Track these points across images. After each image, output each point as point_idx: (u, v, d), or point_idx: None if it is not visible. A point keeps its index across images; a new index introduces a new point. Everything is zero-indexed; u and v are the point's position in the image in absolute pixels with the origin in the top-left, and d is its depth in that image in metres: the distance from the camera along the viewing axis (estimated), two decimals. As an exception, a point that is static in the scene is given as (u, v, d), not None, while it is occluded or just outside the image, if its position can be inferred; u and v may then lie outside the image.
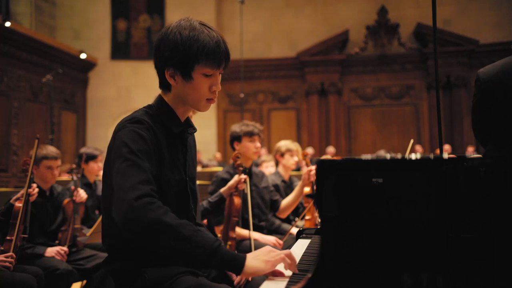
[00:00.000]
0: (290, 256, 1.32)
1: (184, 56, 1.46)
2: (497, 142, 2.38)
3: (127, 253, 1.50)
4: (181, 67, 1.47)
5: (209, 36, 1.47)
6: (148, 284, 1.47)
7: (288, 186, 4.22)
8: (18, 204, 2.69)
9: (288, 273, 1.34)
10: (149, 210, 1.27)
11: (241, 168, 3.01)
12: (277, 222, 3.67)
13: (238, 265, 1.27)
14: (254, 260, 1.29)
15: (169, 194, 1.50)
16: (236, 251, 3.04)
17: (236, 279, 1.72)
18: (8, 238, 2.64)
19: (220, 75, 1.55)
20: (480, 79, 2.38)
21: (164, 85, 1.57)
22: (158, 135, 1.48)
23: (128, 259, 1.50)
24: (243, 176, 2.98)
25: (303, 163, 4.96)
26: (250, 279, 1.71)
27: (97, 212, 4.14)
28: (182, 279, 1.50)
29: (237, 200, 3.01)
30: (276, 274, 1.32)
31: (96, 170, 4.25)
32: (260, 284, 1.26)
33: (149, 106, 1.58)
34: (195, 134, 1.72)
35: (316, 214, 3.52)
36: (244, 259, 1.28)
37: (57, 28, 11.98)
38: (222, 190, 3.04)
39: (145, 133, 1.43)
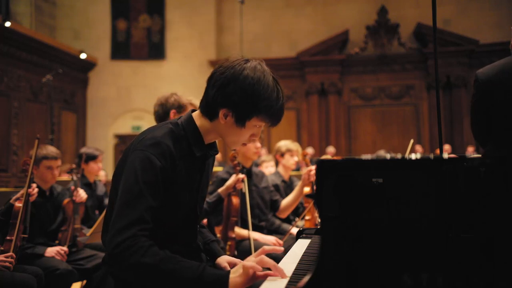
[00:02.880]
0: (261, 263, 1.33)
1: (249, 107, 1.46)
2: (497, 142, 2.38)
3: None
4: (240, 114, 1.48)
5: (278, 97, 1.49)
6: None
7: (288, 186, 4.22)
8: (18, 204, 2.70)
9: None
10: (129, 255, 1.30)
11: (238, 168, 3.01)
12: (277, 222, 3.67)
13: (223, 284, 1.30)
14: (233, 275, 1.32)
15: (176, 214, 1.52)
16: (236, 251, 3.04)
17: None
18: (8, 238, 2.64)
19: None
20: (479, 79, 2.39)
21: (208, 113, 1.53)
22: (176, 160, 1.47)
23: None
24: (241, 176, 2.98)
25: (303, 163, 4.95)
26: None
27: (97, 212, 4.14)
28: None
29: (235, 200, 3.01)
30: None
31: (96, 170, 4.25)
32: (260, 284, 1.26)
33: (175, 124, 1.55)
34: None
35: (316, 214, 3.52)
36: (227, 277, 1.31)
37: (57, 28, 11.98)
38: (220, 190, 3.04)
39: (159, 162, 1.41)
